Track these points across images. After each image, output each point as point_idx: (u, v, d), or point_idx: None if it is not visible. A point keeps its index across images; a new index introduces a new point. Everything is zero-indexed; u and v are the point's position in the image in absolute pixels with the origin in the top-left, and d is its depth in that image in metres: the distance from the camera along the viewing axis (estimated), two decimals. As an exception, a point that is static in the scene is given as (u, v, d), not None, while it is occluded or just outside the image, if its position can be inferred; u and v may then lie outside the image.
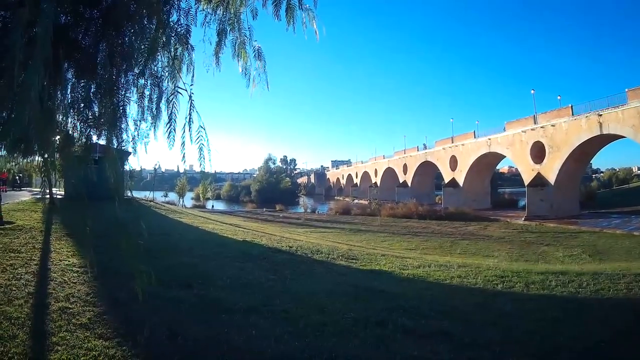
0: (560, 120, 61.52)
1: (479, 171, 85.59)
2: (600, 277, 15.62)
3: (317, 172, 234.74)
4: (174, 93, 6.97)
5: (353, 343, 7.95)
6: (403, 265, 18.60)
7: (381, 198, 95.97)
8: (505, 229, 53.32)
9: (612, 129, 53.78)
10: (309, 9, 8.12)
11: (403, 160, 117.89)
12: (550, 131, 63.42)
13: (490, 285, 14.72)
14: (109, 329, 7.64)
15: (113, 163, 6.41)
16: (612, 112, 53.52)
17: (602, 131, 55.09)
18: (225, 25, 8.08)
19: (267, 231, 35.93)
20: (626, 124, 51.70)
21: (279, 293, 11.61)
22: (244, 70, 8.46)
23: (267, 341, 7.65)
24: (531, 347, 8.31)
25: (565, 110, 62.10)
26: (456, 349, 8.08)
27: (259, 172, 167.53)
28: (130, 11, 6.53)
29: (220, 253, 18.01)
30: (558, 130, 62.22)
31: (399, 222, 59.65)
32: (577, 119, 58.63)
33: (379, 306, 10.79)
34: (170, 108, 6.89)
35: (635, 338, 9.06)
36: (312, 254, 20.34)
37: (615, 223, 52.98)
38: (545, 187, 62.96)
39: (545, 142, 64.17)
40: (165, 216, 36.76)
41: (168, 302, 9.76)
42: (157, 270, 11.88)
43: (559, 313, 11.01)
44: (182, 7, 7.49)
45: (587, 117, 56.77)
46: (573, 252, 35.03)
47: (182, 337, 7.51)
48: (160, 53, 7.16)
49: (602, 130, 54.91)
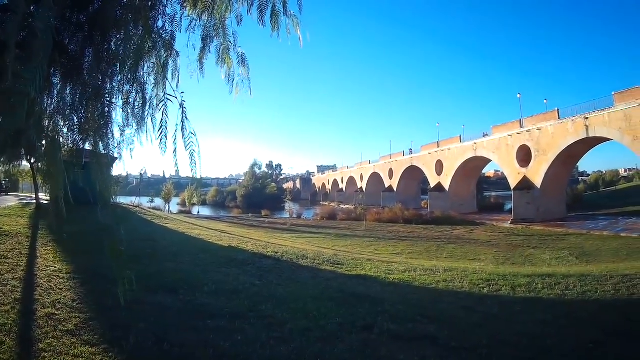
0: (547, 123, 61.88)
1: (465, 175, 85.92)
2: (588, 279, 15.75)
3: (303, 177, 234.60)
4: (163, 100, 6.97)
5: (339, 348, 7.95)
6: (389, 270, 18.60)
7: (367, 203, 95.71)
8: (491, 232, 53.48)
9: (598, 132, 54.10)
10: (293, 15, 8.16)
11: (389, 165, 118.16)
12: (537, 135, 63.75)
13: (477, 289, 14.74)
14: (96, 335, 7.64)
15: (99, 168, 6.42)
16: (599, 115, 53.86)
17: (588, 134, 55.50)
18: (210, 31, 8.09)
19: (253, 237, 35.85)
20: (613, 126, 52.11)
21: (264, 298, 11.57)
22: (227, 76, 8.48)
23: (253, 347, 7.66)
24: (519, 350, 8.34)
25: (551, 114, 62.47)
26: (443, 352, 8.11)
27: (245, 178, 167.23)
28: (116, 17, 6.53)
29: (206, 259, 17.98)
30: (544, 134, 62.57)
31: (385, 227, 59.65)
32: (564, 122, 59.01)
33: (365, 311, 10.79)
34: (161, 115, 6.89)
35: (623, 339, 9.13)
36: (297, 259, 20.31)
37: (602, 225, 53.38)
38: (531, 191, 63.22)
39: (532, 145, 64.51)
40: (151, 222, 36.66)
41: (154, 308, 9.76)
42: (144, 276, 11.90)
43: (546, 315, 11.06)
44: (167, 13, 7.50)
45: (574, 121, 57.11)
46: (560, 255, 35.12)
47: (169, 343, 7.51)
48: (146, 59, 7.17)
49: (589, 133, 55.30)
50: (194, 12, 7.94)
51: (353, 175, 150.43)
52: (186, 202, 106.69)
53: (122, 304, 6.15)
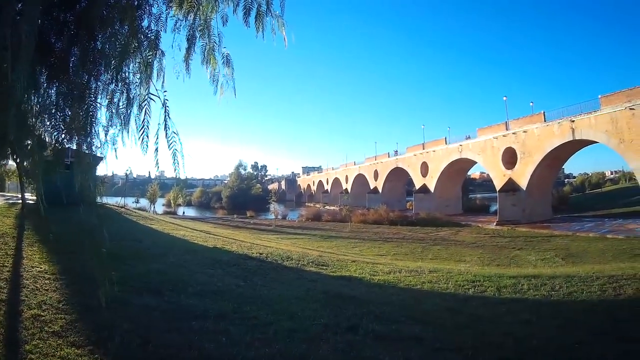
0: (533, 126, 62.33)
1: (450, 177, 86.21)
2: (573, 279, 15.87)
3: (288, 179, 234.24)
4: (146, 99, 6.94)
5: (323, 349, 7.94)
6: (374, 271, 18.65)
7: (352, 204, 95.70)
8: (477, 234, 53.62)
9: (584, 134, 54.55)
10: (278, 16, 8.15)
11: (374, 167, 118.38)
12: (522, 137, 64.14)
13: (462, 290, 14.83)
14: (81, 336, 7.60)
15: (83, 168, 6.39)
16: (585, 118, 54.36)
17: (574, 137, 55.96)
18: (195, 32, 8.06)
19: (238, 238, 35.80)
20: (599, 129, 52.60)
21: (249, 300, 11.55)
22: (212, 77, 8.47)
23: (237, 348, 7.64)
24: (505, 350, 8.36)
25: (537, 117, 62.88)
26: (428, 353, 8.13)
27: (230, 178, 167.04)
28: (103, 15, 6.50)
29: (191, 260, 17.93)
30: (530, 136, 63.06)
31: (370, 228, 59.67)
32: (550, 125, 59.42)
33: (350, 312, 10.81)
34: (143, 114, 6.86)
35: (609, 339, 9.17)
36: (282, 260, 20.37)
37: (588, 226, 53.60)
38: (517, 192, 63.57)
39: (517, 148, 64.89)
40: (136, 222, 36.49)
41: (139, 309, 9.72)
42: (129, 276, 11.88)
43: (532, 316, 11.10)
44: (153, 13, 7.47)
45: (560, 123, 57.54)
46: (546, 256, 35.20)
47: (154, 344, 7.47)
48: (132, 58, 7.15)
49: (575, 136, 55.78)
50: (180, 12, 7.92)
51: (338, 176, 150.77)
52: (171, 203, 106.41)
53: (103, 304, 6.14)
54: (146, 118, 6.81)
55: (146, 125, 6.75)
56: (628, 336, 9.25)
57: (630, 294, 13.51)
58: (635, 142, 47.52)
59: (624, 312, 11.64)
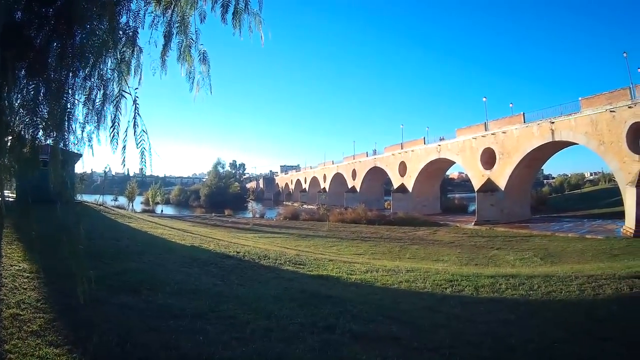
0: (512, 127, 62.84)
1: (429, 177, 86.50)
2: (552, 279, 15.97)
3: (266, 177, 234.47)
4: (118, 96, 6.93)
5: (300, 348, 7.94)
6: (351, 270, 18.71)
7: (330, 203, 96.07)
8: (455, 233, 53.84)
9: (564, 136, 55.26)
10: (256, 13, 8.13)
11: (352, 166, 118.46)
12: (502, 138, 64.73)
13: (439, 289, 14.90)
14: (60, 336, 7.56)
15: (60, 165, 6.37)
16: (565, 120, 55.05)
17: (554, 138, 56.63)
18: (173, 28, 8.04)
19: (216, 236, 35.68)
20: (579, 131, 53.21)
21: (226, 299, 11.55)
22: (188, 74, 8.42)
23: (214, 347, 7.62)
24: (483, 349, 8.40)
25: (517, 118, 63.38)
26: (405, 352, 8.13)
27: (208, 177, 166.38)
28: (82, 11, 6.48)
29: (169, 258, 17.88)
30: (509, 137, 63.61)
31: (348, 227, 59.69)
32: (529, 126, 60.01)
33: (327, 311, 10.81)
34: (114, 111, 6.85)
35: (588, 338, 9.26)
36: (259, 259, 20.36)
37: (567, 227, 54.08)
38: (495, 192, 63.97)
39: (496, 148, 65.39)
40: (115, 221, 36.25)
41: (117, 308, 9.68)
42: (107, 275, 11.85)
43: (510, 315, 11.19)
44: (132, 9, 7.44)
45: (539, 125, 58.12)
46: (524, 256, 35.34)
47: (131, 344, 7.42)
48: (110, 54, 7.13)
49: (554, 137, 56.47)
50: (159, 9, 7.90)
51: (316, 175, 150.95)
52: (150, 201, 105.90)
53: (82, 302, 6.12)
54: (117, 115, 6.80)
55: (117, 122, 6.74)
56: (607, 335, 9.35)
57: (609, 293, 13.63)
58: (615, 144, 48.06)
59: (602, 311, 11.71)
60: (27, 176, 7.16)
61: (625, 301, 12.86)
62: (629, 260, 25.92)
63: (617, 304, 12.52)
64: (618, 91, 48.56)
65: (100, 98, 7.09)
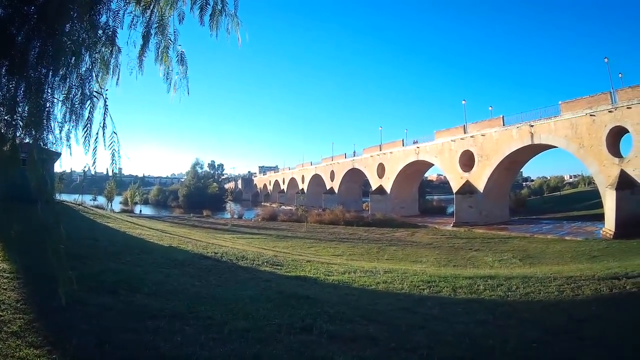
0: (491, 130, 63.48)
1: (407, 178, 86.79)
2: (531, 280, 16.06)
3: (245, 178, 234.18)
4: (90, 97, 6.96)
5: (278, 349, 7.94)
6: (328, 271, 18.77)
7: (308, 204, 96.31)
8: (433, 235, 54.04)
9: (544, 139, 55.99)
10: (234, 15, 8.17)
11: (330, 167, 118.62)
12: (480, 140, 65.29)
13: (417, 290, 14.93)
14: (40, 337, 7.53)
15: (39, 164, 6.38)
16: (545, 123, 55.69)
17: (533, 141, 57.34)
18: (151, 29, 8.05)
19: (194, 237, 35.61)
20: (559, 134, 53.96)
21: (204, 299, 11.52)
22: (165, 75, 8.43)
23: (192, 348, 7.61)
24: (460, 350, 8.40)
25: (496, 121, 63.95)
26: (382, 353, 8.16)
27: (187, 177, 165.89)
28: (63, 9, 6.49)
29: (147, 259, 17.79)
30: (488, 140, 64.18)
31: (326, 229, 59.78)
32: (508, 129, 60.76)
33: (304, 312, 10.81)
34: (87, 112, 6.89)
35: (567, 338, 9.34)
36: (237, 260, 20.36)
37: (546, 228, 54.91)
38: (474, 194, 64.46)
39: (475, 151, 65.92)
40: (94, 221, 35.96)
41: (96, 309, 9.62)
42: (86, 276, 11.80)
43: (488, 316, 11.25)
44: (112, 9, 7.45)
45: (519, 128, 58.76)
46: (503, 257, 35.60)
47: (110, 345, 7.41)
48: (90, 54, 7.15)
49: (534, 140, 57.16)
50: (138, 8, 7.91)
51: (294, 176, 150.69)
52: (128, 201, 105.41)
53: (64, 303, 6.14)
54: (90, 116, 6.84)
55: (89, 123, 6.78)
56: (586, 336, 9.46)
57: (588, 294, 13.74)
58: (595, 147, 48.86)
59: (582, 312, 11.81)
60: (7, 175, 7.16)
61: (605, 302, 12.96)
62: (609, 262, 26.20)
63: (596, 304, 12.65)
64: (599, 95, 49.25)
65: (79, 97, 7.10)
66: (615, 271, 17.29)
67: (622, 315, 11.40)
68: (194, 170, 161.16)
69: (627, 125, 45.79)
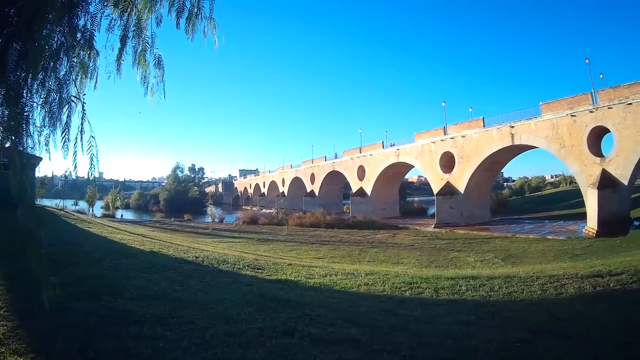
0: (471, 131, 64.35)
1: (388, 180, 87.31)
2: (513, 280, 16.07)
3: (225, 181, 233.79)
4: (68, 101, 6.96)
5: (259, 353, 7.91)
6: (309, 274, 18.75)
7: (289, 207, 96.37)
8: (414, 236, 54.38)
9: (524, 140, 57.04)
10: (210, 18, 8.18)
11: (311, 170, 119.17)
12: (461, 142, 66.19)
13: (398, 292, 14.90)
14: (23, 343, 7.49)
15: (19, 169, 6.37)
16: (525, 124, 56.72)
17: (514, 142, 58.37)
18: (129, 32, 8.05)
19: (175, 241, 35.40)
20: (540, 135, 55.02)
21: (185, 304, 11.46)
22: (142, 78, 8.46)
23: (174, 353, 7.59)
24: (443, 350, 8.39)
25: (476, 122, 64.70)
26: (365, 355, 8.15)
27: (168, 181, 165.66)
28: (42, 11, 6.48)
29: (128, 264, 17.63)
30: (469, 141, 65.06)
31: (307, 232, 60.05)
32: (489, 130, 61.76)
33: (285, 315, 10.77)
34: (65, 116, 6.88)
35: (551, 337, 9.33)
36: (218, 264, 20.28)
37: (528, 228, 55.87)
38: (454, 195, 65.15)
39: (455, 152, 66.70)
40: (75, 225, 35.60)
41: (78, 315, 9.55)
42: (68, 281, 11.74)
43: (470, 316, 11.21)
44: (90, 12, 7.44)
45: (499, 129, 59.79)
46: (485, 257, 35.96)
47: (93, 350, 7.36)
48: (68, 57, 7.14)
49: (514, 141, 58.17)
50: (116, 11, 7.90)
51: (275, 179, 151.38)
52: (110, 206, 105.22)
53: (47, 309, 6.13)
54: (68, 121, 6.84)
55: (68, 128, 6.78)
56: (571, 334, 9.48)
57: (572, 292, 13.73)
58: (576, 147, 49.89)
59: (565, 310, 11.79)
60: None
61: (589, 300, 12.96)
62: (592, 260, 26.29)
63: (580, 302, 12.65)
64: (579, 96, 50.11)
65: (57, 101, 7.09)
66: (598, 269, 17.32)
67: (606, 313, 11.42)
68: (175, 174, 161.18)
69: (608, 125, 46.62)
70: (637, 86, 44.64)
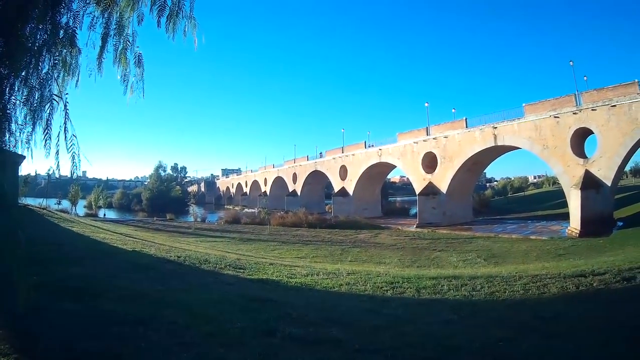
0: (454, 132, 64.87)
1: (370, 180, 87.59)
2: (496, 279, 16.19)
3: (208, 181, 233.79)
4: (50, 99, 6.93)
5: (241, 353, 7.90)
6: (291, 274, 18.76)
7: (271, 207, 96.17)
8: (396, 236, 54.59)
9: (507, 140, 57.64)
10: (190, 16, 8.20)
11: (293, 170, 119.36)
12: (443, 142, 66.71)
13: (380, 292, 14.91)
14: (7, 344, 7.40)
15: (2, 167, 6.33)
16: (508, 125, 57.38)
17: (496, 142, 58.95)
18: (110, 30, 8.04)
19: (157, 241, 35.33)
20: (523, 135, 55.68)
21: (167, 304, 11.42)
22: (122, 77, 8.48)
23: (156, 353, 7.59)
24: (425, 350, 8.40)
25: (459, 123, 65.27)
26: (347, 355, 8.17)
27: (150, 180, 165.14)
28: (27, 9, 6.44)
29: (111, 263, 17.54)
30: (451, 142, 65.51)
31: (289, 231, 60.23)
32: (471, 131, 62.33)
33: (267, 315, 10.77)
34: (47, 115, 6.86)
35: (534, 336, 9.36)
36: (200, 263, 20.23)
37: (510, 228, 56.29)
38: (437, 196, 65.54)
39: (438, 152, 67.17)
40: (57, 225, 35.35)
41: (61, 315, 9.48)
42: (50, 281, 11.68)
43: (453, 316, 11.22)
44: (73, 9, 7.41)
45: (482, 130, 60.38)
46: (467, 257, 36.26)
47: (76, 351, 7.35)
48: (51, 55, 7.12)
49: (497, 141, 58.79)
50: (98, 9, 7.88)
51: (257, 179, 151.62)
52: (92, 205, 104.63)
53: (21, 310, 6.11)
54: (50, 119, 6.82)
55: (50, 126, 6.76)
56: (554, 333, 9.54)
57: (554, 292, 13.79)
58: (559, 148, 50.67)
59: (548, 310, 11.82)
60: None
61: (571, 299, 13.06)
62: (575, 260, 26.73)
63: (563, 302, 12.77)
64: (563, 98, 50.73)
65: (38, 99, 7.07)
66: (581, 269, 17.47)
67: (589, 312, 11.51)
68: (157, 173, 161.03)
69: (591, 127, 47.26)
70: (621, 88, 45.26)
